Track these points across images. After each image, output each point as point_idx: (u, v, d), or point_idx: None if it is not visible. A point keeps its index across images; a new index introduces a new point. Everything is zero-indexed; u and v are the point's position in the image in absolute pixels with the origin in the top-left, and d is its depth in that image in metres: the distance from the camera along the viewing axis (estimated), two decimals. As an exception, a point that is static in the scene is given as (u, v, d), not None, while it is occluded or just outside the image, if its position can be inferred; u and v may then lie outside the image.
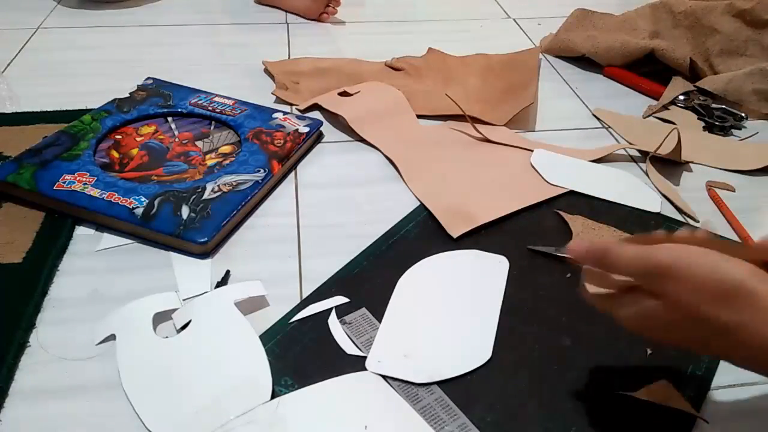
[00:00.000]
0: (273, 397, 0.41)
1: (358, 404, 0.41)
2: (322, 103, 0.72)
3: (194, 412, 0.40)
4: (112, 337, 0.45)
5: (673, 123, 0.74)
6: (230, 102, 0.70)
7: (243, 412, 0.40)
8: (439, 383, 0.43)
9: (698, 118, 0.75)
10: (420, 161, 0.65)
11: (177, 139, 0.64)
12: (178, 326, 0.46)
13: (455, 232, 0.55)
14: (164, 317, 0.46)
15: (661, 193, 0.62)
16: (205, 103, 0.69)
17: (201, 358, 0.43)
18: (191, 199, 0.55)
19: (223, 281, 0.50)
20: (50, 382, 0.42)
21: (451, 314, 0.48)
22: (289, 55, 0.86)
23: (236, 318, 0.46)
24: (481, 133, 0.67)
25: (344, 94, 0.74)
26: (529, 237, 0.56)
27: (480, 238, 0.55)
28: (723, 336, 0.33)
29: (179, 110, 0.68)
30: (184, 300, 0.48)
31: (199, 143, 0.64)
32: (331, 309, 0.48)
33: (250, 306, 0.48)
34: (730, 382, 0.44)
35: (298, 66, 0.82)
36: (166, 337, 0.45)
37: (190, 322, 0.46)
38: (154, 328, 0.45)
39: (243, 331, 0.45)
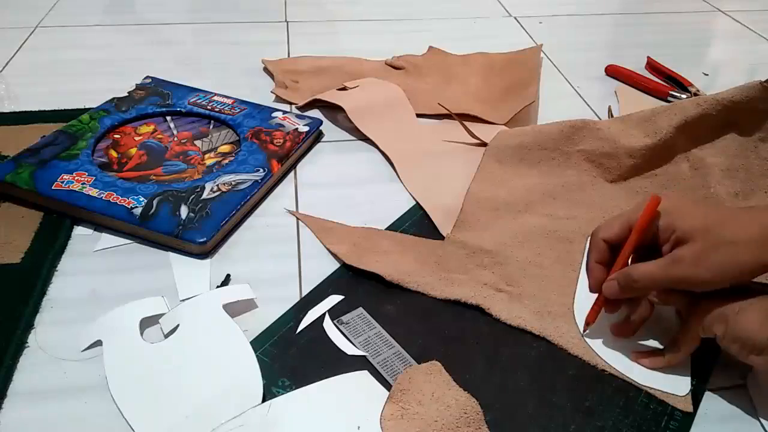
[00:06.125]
0: (270, 398, 0.41)
1: (351, 405, 0.41)
2: (321, 96, 0.72)
3: (184, 417, 0.40)
4: (99, 343, 0.44)
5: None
6: (229, 101, 0.70)
7: (234, 416, 0.39)
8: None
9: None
10: (416, 160, 0.65)
11: (176, 139, 0.64)
12: (166, 331, 0.45)
13: (447, 232, 0.55)
14: (152, 322, 0.46)
15: None
16: (204, 102, 0.69)
17: (190, 362, 0.43)
18: (190, 199, 0.55)
19: (223, 285, 0.50)
20: (49, 383, 0.42)
21: None
22: (288, 54, 0.86)
23: (225, 321, 0.46)
24: (476, 137, 0.67)
25: (343, 89, 0.74)
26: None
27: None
28: None
29: (178, 109, 0.68)
30: (181, 300, 0.48)
31: (198, 142, 0.64)
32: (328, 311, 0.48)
33: (245, 307, 0.48)
34: (725, 384, 0.44)
35: (298, 65, 0.82)
36: (154, 342, 0.45)
37: (178, 326, 0.45)
38: (141, 333, 0.45)
39: (232, 334, 0.45)
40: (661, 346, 0.45)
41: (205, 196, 0.56)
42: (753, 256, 0.38)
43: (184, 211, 0.54)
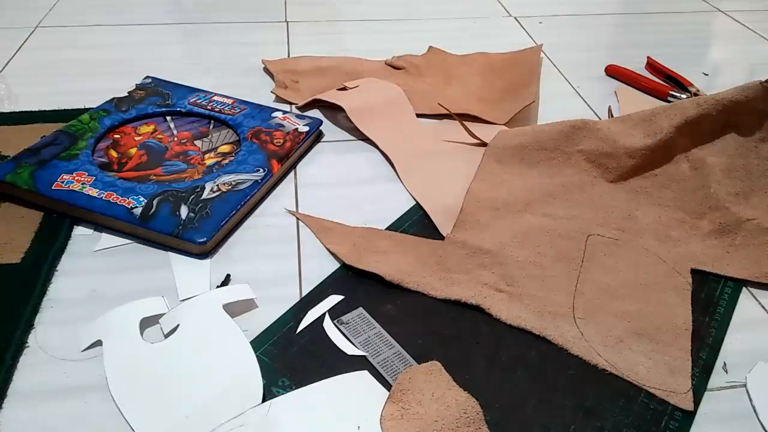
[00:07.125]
0: (270, 398, 0.41)
1: (351, 405, 0.41)
2: (321, 96, 0.72)
3: (184, 417, 0.40)
4: (99, 343, 0.44)
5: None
6: (229, 101, 0.70)
7: (234, 416, 0.39)
8: (439, 384, 0.42)
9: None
10: (416, 160, 0.65)
11: (176, 139, 0.64)
12: (166, 331, 0.45)
13: (447, 232, 0.55)
14: (152, 322, 0.46)
15: None
16: (204, 102, 0.69)
17: (190, 362, 0.43)
18: (190, 199, 0.55)
19: (223, 285, 0.50)
20: (49, 383, 0.42)
21: None
22: (288, 54, 0.86)
23: (225, 321, 0.46)
24: (476, 138, 0.67)
25: (343, 89, 0.74)
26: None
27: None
28: None
29: (178, 109, 0.68)
30: (181, 300, 0.48)
31: (198, 142, 0.64)
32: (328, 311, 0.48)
33: (245, 307, 0.48)
34: (725, 384, 0.44)
35: (298, 65, 0.82)
36: (154, 342, 0.45)
37: (178, 326, 0.45)
38: (141, 333, 0.45)
39: (232, 334, 0.45)
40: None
41: (205, 196, 0.56)
42: None
43: (184, 211, 0.54)
